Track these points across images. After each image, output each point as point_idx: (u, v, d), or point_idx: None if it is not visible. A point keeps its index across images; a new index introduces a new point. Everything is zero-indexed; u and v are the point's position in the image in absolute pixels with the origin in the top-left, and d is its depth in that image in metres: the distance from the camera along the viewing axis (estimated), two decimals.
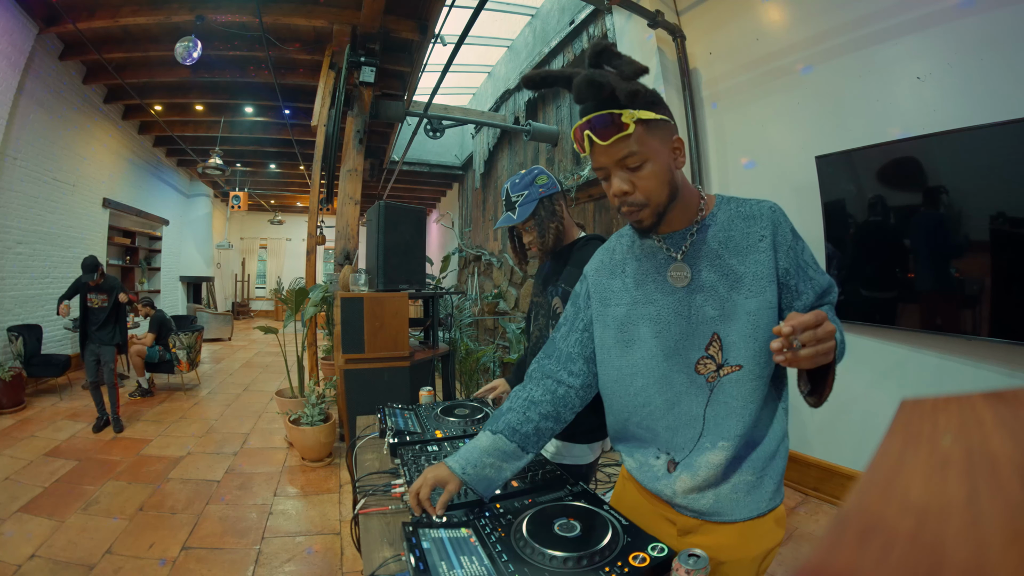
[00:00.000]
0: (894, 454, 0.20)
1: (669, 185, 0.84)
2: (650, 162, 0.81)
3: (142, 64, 5.66)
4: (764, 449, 0.88)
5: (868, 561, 0.14)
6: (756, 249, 0.85)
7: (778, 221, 0.87)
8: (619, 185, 0.83)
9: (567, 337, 1.04)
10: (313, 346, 4.48)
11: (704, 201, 0.91)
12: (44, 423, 4.14)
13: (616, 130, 0.79)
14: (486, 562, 0.78)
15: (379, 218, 3.08)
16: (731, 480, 0.87)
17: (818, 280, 0.89)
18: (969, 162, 2.01)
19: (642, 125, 0.79)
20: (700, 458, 0.87)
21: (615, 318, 0.96)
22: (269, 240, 15.06)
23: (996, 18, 2.00)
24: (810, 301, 0.88)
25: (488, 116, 6.69)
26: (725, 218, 0.89)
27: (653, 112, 0.80)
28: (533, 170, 1.43)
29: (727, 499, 0.87)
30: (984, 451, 0.19)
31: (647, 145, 0.80)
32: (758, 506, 0.88)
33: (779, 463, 0.90)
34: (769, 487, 0.88)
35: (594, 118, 0.80)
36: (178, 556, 2.26)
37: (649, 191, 0.83)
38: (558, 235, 1.40)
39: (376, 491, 1.12)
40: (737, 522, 0.88)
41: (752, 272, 0.85)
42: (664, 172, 0.82)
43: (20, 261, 5.28)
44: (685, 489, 0.89)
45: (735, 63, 3.18)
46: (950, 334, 2.17)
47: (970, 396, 0.24)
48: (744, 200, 0.90)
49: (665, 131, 0.83)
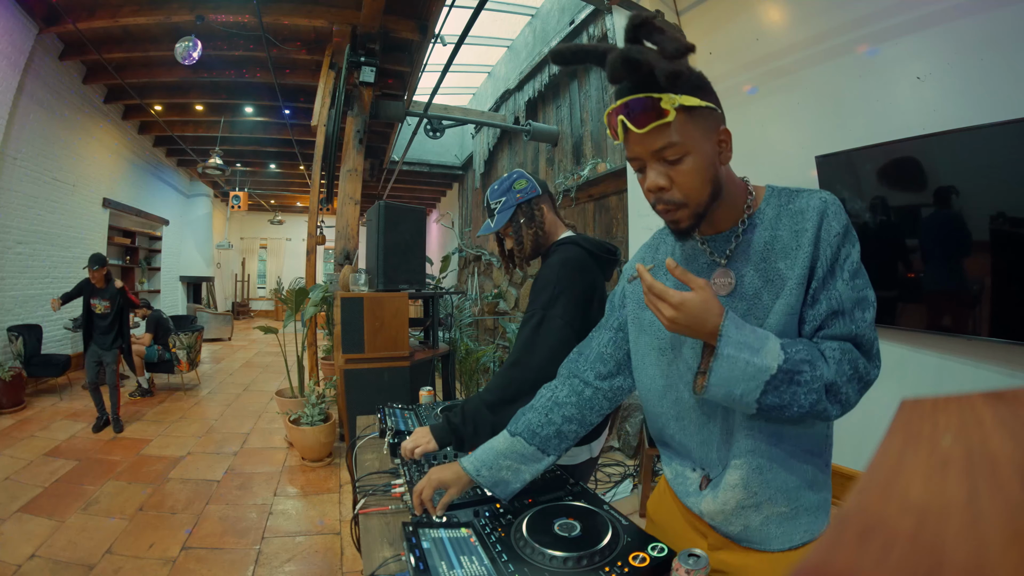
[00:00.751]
0: (894, 454, 0.20)
1: (712, 183, 0.74)
2: (691, 155, 0.71)
3: (142, 64, 5.66)
4: (795, 477, 0.80)
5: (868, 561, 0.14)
6: (800, 247, 0.75)
7: (827, 212, 0.75)
8: (655, 180, 0.73)
9: (601, 336, 0.99)
10: (313, 346, 4.48)
11: (752, 195, 0.81)
12: (44, 423, 4.14)
13: (655, 116, 0.69)
14: (486, 562, 0.78)
15: (379, 218, 3.08)
16: (762, 510, 0.80)
17: (841, 294, 0.73)
18: (969, 162, 2.01)
19: (684, 112, 0.70)
20: (724, 478, 0.82)
21: (653, 323, 0.88)
22: (269, 240, 15.06)
23: (996, 18, 2.00)
24: (820, 316, 0.74)
25: (488, 116, 6.69)
26: (773, 214, 0.79)
27: (698, 98, 0.70)
28: (512, 175, 1.38)
29: (756, 529, 0.81)
30: (984, 451, 0.19)
31: (689, 136, 0.71)
32: (791, 538, 0.81)
33: (817, 493, 0.82)
34: (804, 519, 0.81)
35: (630, 101, 0.70)
36: (178, 556, 2.26)
37: (688, 188, 0.73)
38: (537, 240, 1.35)
39: (376, 491, 1.12)
40: (768, 552, 0.82)
41: (796, 275, 0.75)
42: (707, 167, 0.73)
43: (20, 261, 5.28)
44: (711, 511, 0.84)
45: (735, 63, 3.18)
46: (950, 334, 2.17)
47: (970, 396, 0.24)
48: (796, 191, 0.80)
49: (711, 120, 0.73)
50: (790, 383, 0.69)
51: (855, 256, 0.75)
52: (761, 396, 0.69)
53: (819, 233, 0.74)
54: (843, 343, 0.73)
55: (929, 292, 2.24)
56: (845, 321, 0.73)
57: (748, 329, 0.71)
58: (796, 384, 0.69)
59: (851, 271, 0.74)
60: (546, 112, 5.82)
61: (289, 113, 6.29)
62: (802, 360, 0.70)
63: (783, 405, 0.70)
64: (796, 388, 0.69)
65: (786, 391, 0.69)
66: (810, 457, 0.81)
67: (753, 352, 0.69)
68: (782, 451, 0.79)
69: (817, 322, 0.75)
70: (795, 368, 0.69)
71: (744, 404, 0.71)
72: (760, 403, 0.70)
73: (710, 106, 0.72)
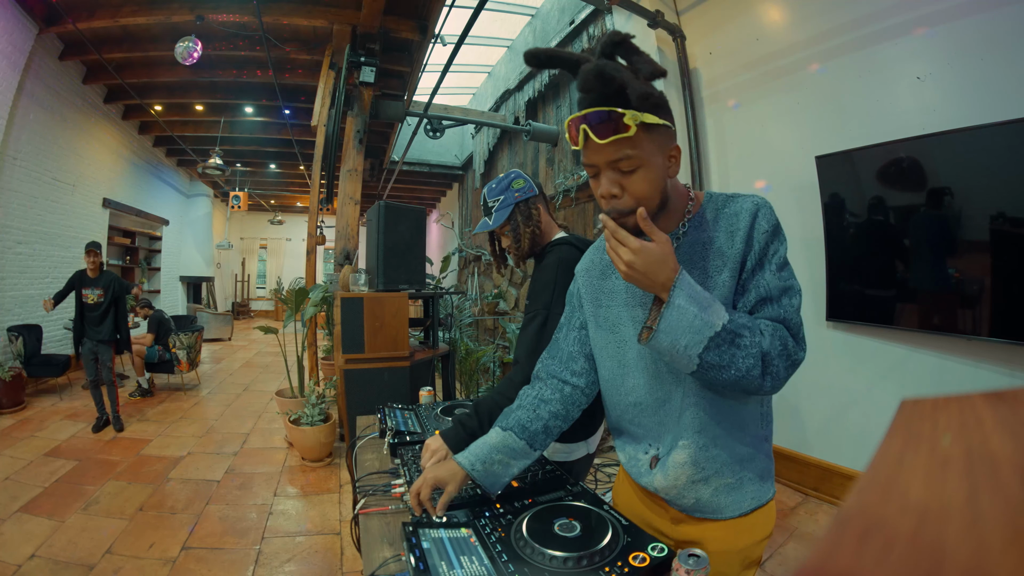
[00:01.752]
0: (894, 454, 0.20)
1: (661, 193, 0.80)
2: (644, 168, 0.77)
3: (142, 64, 5.66)
4: (737, 451, 0.88)
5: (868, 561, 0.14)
6: (733, 245, 0.82)
7: (758, 214, 0.82)
8: (608, 187, 0.79)
9: (567, 336, 1.05)
10: (313, 346, 4.48)
11: (692, 201, 0.88)
12: (44, 423, 4.14)
13: (616, 130, 0.73)
14: (486, 562, 0.78)
15: (379, 218, 3.08)
16: (711, 484, 0.88)
17: (768, 283, 0.80)
18: (969, 162, 2.01)
19: (643, 129, 0.75)
20: (671, 456, 0.89)
21: (606, 319, 0.96)
22: (269, 240, 15.06)
23: (996, 18, 2.00)
24: (749, 303, 0.81)
25: (488, 116, 6.69)
26: (711, 217, 0.86)
27: (657, 116, 0.75)
28: (510, 174, 1.41)
29: (708, 501, 0.89)
30: (984, 451, 0.19)
31: (644, 150, 0.76)
32: (740, 505, 0.89)
33: (759, 463, 0.90)
34: (750, 487, 0.89)
35: (594, 113, 0.74)
36: (178, 556, 2.26)
37: (639, 197, 0.78)
38: (534, 239, 1.38)
39: (376, 491, 1.12)
40: (722, 520, 0.90)
41: (729, 269, 0.82)
42: (657, 180, 0.79)
43: (20, 261, 5.28)
44: (663, 487, 0.91)
45: (735, 63, 3.18)
46: (950, 334, 2.17)
47: (970, 396, 0.24)
48: (732, 196, 0.86)
49: (665, 137, 0.79)
50: (731, 344, 0.73)
51: (783, 252, 0.82)
52: (704, 351, 0.73)
53: (751, 232, 0.81)
54: (774, 323, 0.78)
55: (929, 292, 2.24)
56: (773, 307, 0.79)
57: (698, 288, 0.76)
58: (736, 346, 0.74)
59: (778, 264, 0.81)
60: (546, 112, 5.82)
61: (289, 113, 6.29)
62: (743, 325, 0.75)
63: (722, 365, 0.74)
64: (736, 351, 0.74)
65: (727, 351, 0.73)
66: (748, 432, 0.89)
67: (702, 308, 0.74)
68: (723, 429, 0.87)
69: (747, 308, 0.81)
70: (737, 330, 0.74)
71: (686, 357, 0.74)
72: (701, 358, 0.74)
73: (666, 124, 0.78)
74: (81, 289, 4.04)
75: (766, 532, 0.92)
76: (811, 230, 2.66)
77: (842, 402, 2.60)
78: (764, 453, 0.91)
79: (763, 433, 0.91)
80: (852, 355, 2.57)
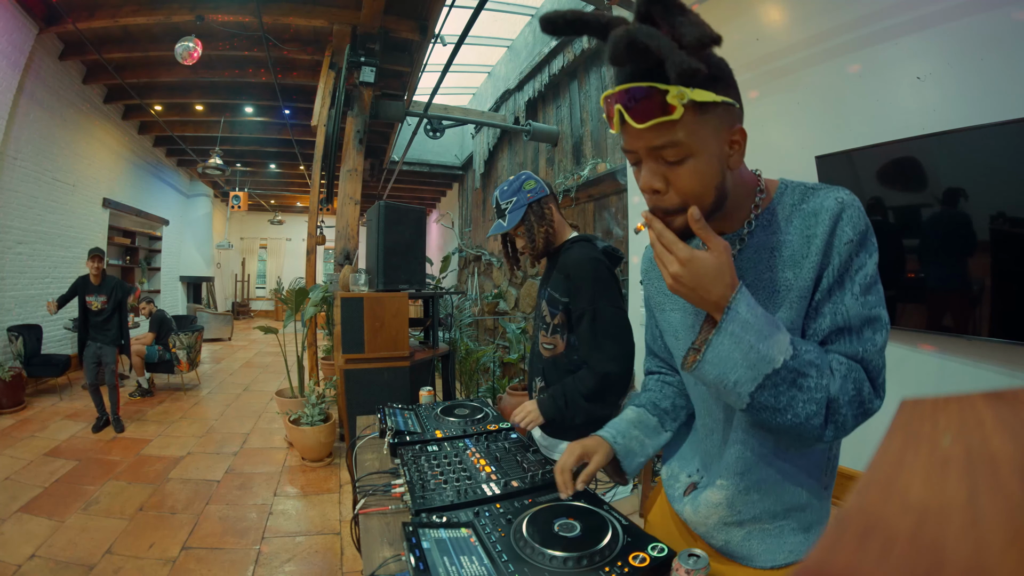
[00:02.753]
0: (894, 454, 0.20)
1: (716, 190, 0.65)
2: (695, 157, 0.62)
3: (142, 64, 5.66)
4: (785, 500, 0.75)
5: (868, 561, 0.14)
6: (809, 255, 0.67)
7: (842, 217, 0.65)
8: (649, 180, 0.64)
9: (654, 342, 1.01)
10: (313, 346, 4.49)
11: (762, 192, 0.72)
12: (44, 423, 4.14)
13: (658, 112, 0.59)
14: (486, 562, 0.78)
15: (379, 218, 3.08)
16: (744, 526, 0.77)
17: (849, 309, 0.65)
18: (969, 162, 2.01)
19: (694, 109, 0.59)
20: (703, 494, 0.81)
21: (669, 323, 0.85)
22: (269, 240, 15.06)
23: (996, 18, 2.00)
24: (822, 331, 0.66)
25: (488, 116, 6.69)
26: (784, 214, 0.70)
27: (713, 92, 0.59)
28: (521, 176, 1.45)
29: (739, 545, 0.79)
30: (984, 451, 0.19)
31: (695, 136, 0.61)
32: (775, 557, 0.76)
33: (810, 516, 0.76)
34: (791, 538, 0.76)
35: (632, 90, 0.59)
36: (178, 556, 2.26)
37: (687, 193, 0.64)
38: (548, 238, 1.42)
39: (376, 491, 1.12)
40: (754, 568, 0.78)
41: (799, 286, 0.67)
42: (712, 173, 0.64)
43: (20, 261, 5.28)
44: (692, 521, 0.84)
45: (735, 63, 3.12)
46: (950, 334, 2.17)
47: (970, 396, 0.24)
48: (812, 189, 0.70)
49: (725, 118, 0.63)
50: (791, 385, 0.61)
51: (870, 268, 0.65)
52: (756, 390, 0.61)
53: (830, 239, 0.65)
54: (851, 360, 0.65)
55: (929, 292, 2.24)
56: (851, 341, 0.65)
57: (760, 311, 0.62)
58: (798, 388, 0.61)
59: (863, 285, 0.65)
60: (546, 112, 5.82)
61: (289, 113, 6.30)
62: (811, 363, 0.62)
63: (777, 408, 0.62)
64: (796, 393, 0.61)
65: (785, 393, 0.61)
66: (805, 479, 0.75)
67: (760, 337, 0.60)
68: (772, 474, 0.74)
69: (819, 338, 0.67)
70: (802, 369, 0.61)
71: (735, 395, 0.63)
72: (753, 398, 0.62)
73: (727, 101, 0.62)
74: (85, 296, 4.06)
75: None
76: None
77: None
78: (819, 505, 0.77)
79: (824, 482, 0.77)
80: None
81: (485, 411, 1.54)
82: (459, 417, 1.49)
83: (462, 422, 1.44)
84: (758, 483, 0.75)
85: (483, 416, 1.50)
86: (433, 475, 1.09)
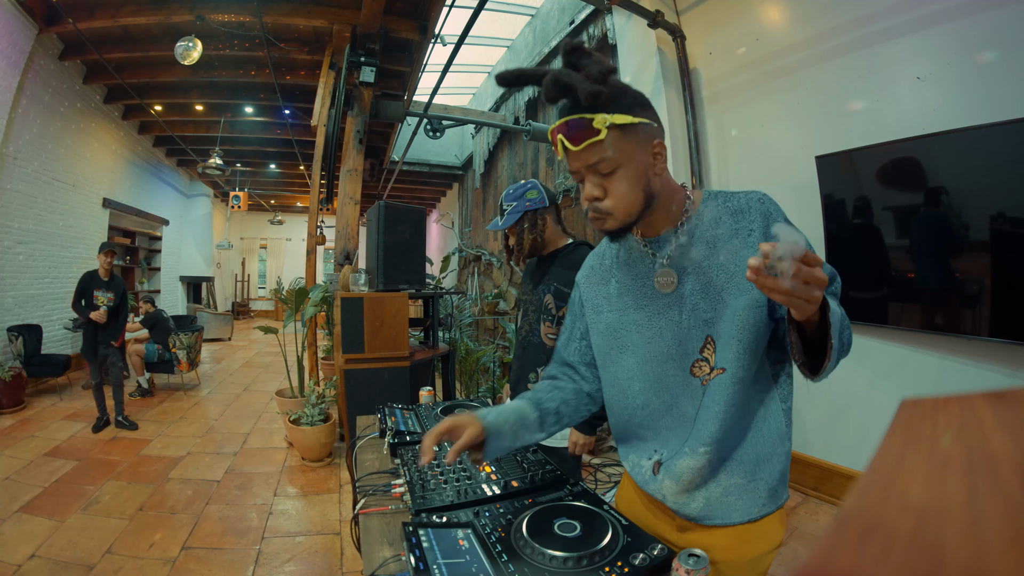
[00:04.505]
0: (894, 454, 0.20)
1: (644, 192, 0.80)
2: (623, 168, 0.78)
3: (142, 64, 5.66)
4: (754, 451, 0.85)
5: (868, 561, 0.14)
6: (745, 244, 0.80)
7: (768, 212, 0.81)
8: (590, 190, 0.80)
9: (567, 346, 1.06)
10: (313, 346, 4.48)
11: (690, 200, 0.87)
12: (44, 423, 4.14)
13: (588, 135, 0.75)
14: (486, 562, 0.78)
15: (379, 218, 3.08)
16: (720, 483, 0.85)
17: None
18: (969, 162, 2.01)
19: (617, 130, 0.75)
20: (681, 462, 0.86)
21: (607, 324, 0.95)
22: (269, 240, 15.06)
23: (996, 18, 2.00)
24: None
25: (488, 116, 6.69)
26: (712, 215, 0.84)
27: (632, 115, 0.76)
28: (527, 184, 1.59)
29: (717, 503, 0.86)
30: (984, 451, 0.19)
31: (621, 150, 0.77)
32: (751, 510, 0.86)
33: (775, 465, 0.86)
34: (763, 490, 0.86)
35: (568, 121, 0.76)
36: (178, 556, 2.26)
37: (619, 197, 0.79)
38: (534, 245, 1.58)
39: (376, 491, 1.12)
40: (731, 525, 0.86)
41: (741, 270, 0.79)
42: (638, 178, 0.79)
43: (20, 261, 5.28)
44: (672, 493, 0.88)
45: (735, 63, 3.18)
46: (950, 334, 2.17)
47: (970, 396, 0.24)
48: (731, 193, 0.85)
49: (645, 135, 0.78)
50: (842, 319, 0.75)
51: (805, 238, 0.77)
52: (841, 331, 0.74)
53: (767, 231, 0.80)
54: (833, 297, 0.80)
55: (929, 292, 2.24)
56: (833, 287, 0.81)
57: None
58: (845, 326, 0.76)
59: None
60: (546, 112, 5.82)
61: (289, 113, 6.29)
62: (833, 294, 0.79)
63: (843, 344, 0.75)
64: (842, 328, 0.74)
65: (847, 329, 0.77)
66: (768, 431, 0.86)
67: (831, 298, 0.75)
68: (743, 432, 0.85)
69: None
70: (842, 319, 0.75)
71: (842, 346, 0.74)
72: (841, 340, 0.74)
73: (643, 122, 0.77)
74: (93, 291, 4.00)
75: (777, 541, 0.89)
76: (811, 230, 2.66)
77: (842, 402, 2.60)
78: (783, 452, 0.88)
79: (784, 432, 0.88)
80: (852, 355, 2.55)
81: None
82: None
83: None
84: (732, 444, 0.85)
85: None
86: (433, 475, 1.10)
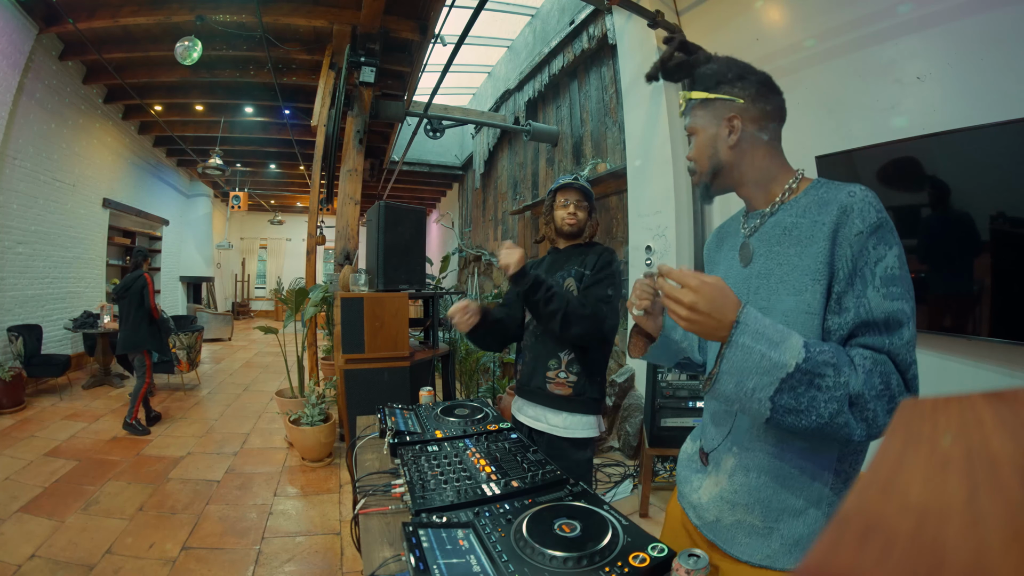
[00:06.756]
0: (894, 454, 0.20)
1: (711, 159, 0.88)
2: (696, 135, 0.90)
3: (142, 64, 5.66)
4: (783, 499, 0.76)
5: (868, 561, 0.14)
6: (815, 239, 0.73)
7: (851, 208, 0.70)
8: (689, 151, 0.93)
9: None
10: (313, 346, 4.48)
11: (796, 182, 0.85)
12: (44, 423, 4.14)
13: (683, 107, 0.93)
14: (486, 562, 0.78)
15: (379, 218, 3.08)
16: (736, 513, 0.81)
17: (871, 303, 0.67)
18: (969, 162, 2.01)
19: (698, 104, 0.89)
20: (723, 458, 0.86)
21: None
22: (269, 240, 15.06)
23: (996, 18, 2.00)
24: (847, 325, 0.69)
25: (488, 116, 6.69)
26: (805, 204, 0.79)
27: (713, 92, 0.87)
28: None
29: (726, 529, 0.83)
30: (984, 451, 0.19)
31: (697, 120, 0.89)
32: (753, 554, 0.79)
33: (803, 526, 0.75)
34: (775, 544, 0.76)
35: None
36: (178, 556, 2.26)
37: (694, 159, 0.91)
38: (590, 226, 1.73)
39: (376, 491, 1.12)
40: (731, 557, 0.82)
41: (804, 266, 0.73)
42: (706, 146, 0.88)
43: (20, 261, 5.28)
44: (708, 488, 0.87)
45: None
46: (950, 334, 2.17)
47: (970, 396, 0.24)
48: (836, 185, 0.77)
49: (721, 109, 0.86)
50: (809, 386, 0.64)
51: (890, 260, 0.68)
52: (775, 394, 0.64)
53: (837, 228, 0.70)
54: (877, 354, 0.66)
55: (929, 292, 2.24)
56: (878, 335, 0.67)
57: (768, 323, 0.67)
58: (816, 388, 0.63)
59: (884, 277, 0.67)
60: (546, 112, 5.82)
61: (289, 113, 6.29)
62: (825, 363, 0.64)
63: (799, 409, 0.64)
64: (816, 393, 0.63)
65: (804, 394, 0.64)
66: (810, 483, 0.75)
67: (771, 345, 0.65)
68: (782, 463, 0.76)
69: (845, 331, 0.70)
70: (816, 370, 0.64)
71: (756, 401, 0.66)
72: (774, 402, 0.65)
73: (722, 98, 0.86)
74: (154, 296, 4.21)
75: None
76: None
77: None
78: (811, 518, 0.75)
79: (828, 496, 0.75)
80: None
81: (485, 411, 1.54)
82: (459, 417, 1.49)
83: (462, 422, 1.44)
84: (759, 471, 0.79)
85: (483, 416, 1.50)
86: (433, 475, 1.09)
